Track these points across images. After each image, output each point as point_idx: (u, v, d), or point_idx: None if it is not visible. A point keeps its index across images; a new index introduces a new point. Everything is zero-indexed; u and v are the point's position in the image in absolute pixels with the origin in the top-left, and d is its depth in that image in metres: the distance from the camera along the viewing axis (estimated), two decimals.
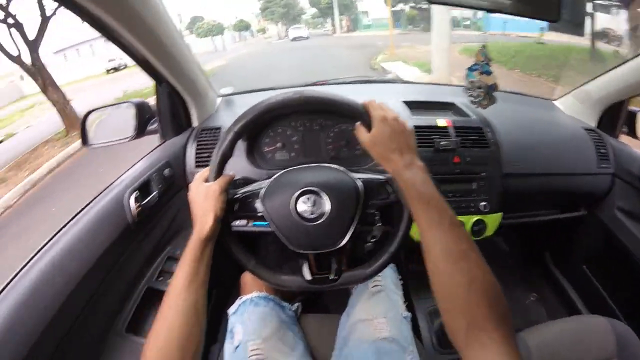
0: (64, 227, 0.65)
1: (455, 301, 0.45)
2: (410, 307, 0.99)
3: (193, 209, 0.58)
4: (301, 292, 0.68)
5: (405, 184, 0.53)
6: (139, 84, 8.81)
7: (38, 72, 5.78)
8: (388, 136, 0.55)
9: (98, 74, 18.81)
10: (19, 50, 5.61)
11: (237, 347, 0.69)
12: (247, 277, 0.84)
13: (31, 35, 5.64)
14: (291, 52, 14.08)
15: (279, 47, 18.22)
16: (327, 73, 7.30)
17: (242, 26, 27.72)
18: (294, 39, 20.99)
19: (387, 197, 0.61)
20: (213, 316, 1.03)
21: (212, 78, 0.99)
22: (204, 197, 0.57)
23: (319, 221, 0.56)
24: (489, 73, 0.80)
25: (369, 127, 0.56)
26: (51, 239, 0.62)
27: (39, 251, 0.60)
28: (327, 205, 0.56)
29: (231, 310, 0.77)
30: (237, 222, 0.81)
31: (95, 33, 0.64)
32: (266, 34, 28.41)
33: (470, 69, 0.82)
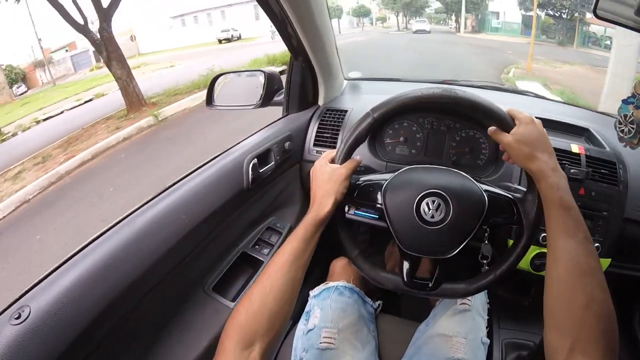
0: (180, 179, 0.67)
1: (567, 318, 0.42)
2: (489, 334, 0.95)
3: (314, 188, 0.57)
4: (386, 291, 0.68)
5: (550, 186, 0.50)
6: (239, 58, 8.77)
7: (104, 43, 5.35)
8: (536, 137, 0.53)
9: (210, 42, 19.13)
10: (84, 19, 5.32)
11: (311, 330, 0.69)
12: (337, 265, 0.85)
13: (105, 4, 5.30)
14: (410, 46, 12.70)
15: (397, 39, 16.86)
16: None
17: (362, 12, 25.86)
18: (416, 32, 19.82)
19: (511, 218, 0.57)
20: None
21: None
22: (328, 178, 0.57)
23: (438, 226, 0.54)
24: None
25: (508, 130, 0.54)
26: (167, 188, 0.64)
27: (153, 198, 0.62)
28: (450, 211, 0.54)
29: (314, 292, 0.77)
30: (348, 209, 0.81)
31: (213, 2, 0.66)
32: (385, 23, 26.45)
33: (625, 102, 0.77)
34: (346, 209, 0.96)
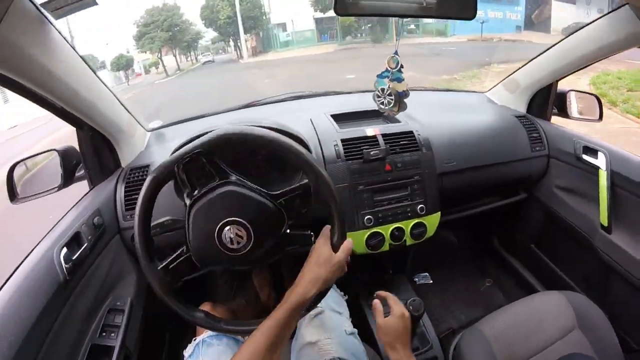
0: None
1: None
2: (362, 319, 1.00)
3: (305, 269, 0.57)
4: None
5: None
6: None
7: None
8: (401, 331, 0.67)
9: None
10: None
11: None
12: None
13: None
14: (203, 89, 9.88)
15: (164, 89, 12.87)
16: None
17: (123, 63, 20.47)
18: (204, 63, 19.21)
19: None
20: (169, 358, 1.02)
21: None
22: (323, 262, 0.57)
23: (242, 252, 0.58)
24: (400, 80, 0.81)
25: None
26: None
27: None
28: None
29: (187, 352, 0.76)
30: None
31: None
32: (160, 67, 21.41)
33: (380, 76, 0.83)
34: None
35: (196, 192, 0.59)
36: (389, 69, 0.81)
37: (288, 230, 0.62)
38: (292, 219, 0.61)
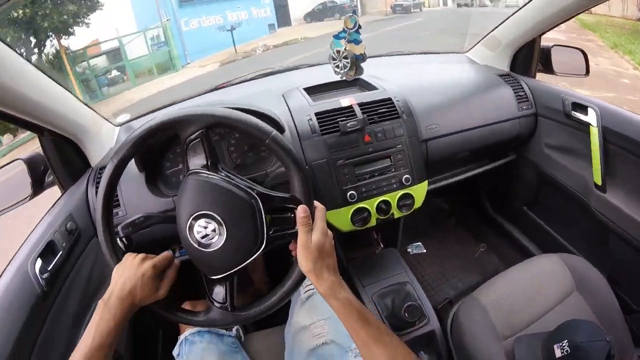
0: None
1: None
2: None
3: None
4: None
5: (343, 303, 0.51)
6: None
7: None
8: (327, 252, 0.53)
9: None
10: None
11: None
12: None
13: None
14: None
15: None
16: None
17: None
18: None
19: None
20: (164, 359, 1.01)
21: None
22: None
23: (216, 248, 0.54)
24: (357, 42, 0.76)
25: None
26: None
27: None
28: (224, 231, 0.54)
29: (175, 352, 0.75)
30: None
31: None
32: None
33: (336, 37, 0.78)
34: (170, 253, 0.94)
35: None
36: (346, 29, 0.75)
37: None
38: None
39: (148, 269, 0.57)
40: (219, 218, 0.53)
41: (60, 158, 0.83)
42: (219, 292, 0.57)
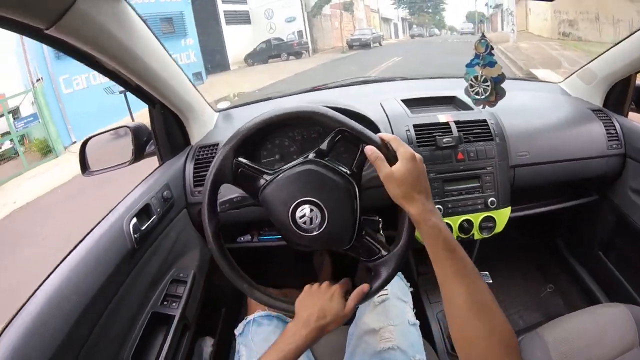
0: (65, 258, 0.63)
1: (474, 349, 0.45)
2: (421, 312, 0.97)
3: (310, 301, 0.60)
4: None
5: (432, 229, 0.49)
6: None
7: None
8: (416, 176, 0.50)
9: None
10: None
11: None
12: None
13: None
14: None
15: None
16: None
17: None
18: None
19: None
20: (224, 336, 1.04)
21: None
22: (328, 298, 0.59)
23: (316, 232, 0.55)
24: (492, 64, 0.75)
25: (388, 160, 0.52)
26: (53, 271, 0.61)
27: (41, 284, 0.58)
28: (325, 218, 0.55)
29: (237, 330, 0.78)
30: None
31: None
32: None
33: (469, 65, 0.78)
34: (249, 237, 0.96)
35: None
36: (478, 53, 0.75)
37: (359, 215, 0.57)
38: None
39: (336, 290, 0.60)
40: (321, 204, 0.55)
41: (165, 131, 0.88)
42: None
